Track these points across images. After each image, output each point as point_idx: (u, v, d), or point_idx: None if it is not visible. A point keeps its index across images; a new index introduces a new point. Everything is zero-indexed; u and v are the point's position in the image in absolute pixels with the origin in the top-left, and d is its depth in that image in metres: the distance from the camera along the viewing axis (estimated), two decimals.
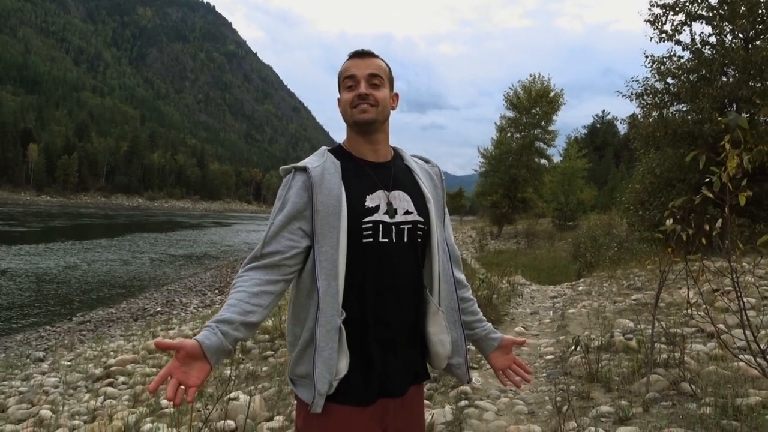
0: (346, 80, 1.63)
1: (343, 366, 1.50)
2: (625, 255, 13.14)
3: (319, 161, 1.60)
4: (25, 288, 16.17)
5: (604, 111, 79.17)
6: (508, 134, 35.94)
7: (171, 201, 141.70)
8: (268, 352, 6.93)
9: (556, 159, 37.70)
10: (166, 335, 9.15)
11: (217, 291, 17.00)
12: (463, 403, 4.20)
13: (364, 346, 1.55)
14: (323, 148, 1.69)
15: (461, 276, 1.81)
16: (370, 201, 1.59)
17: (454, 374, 1.76)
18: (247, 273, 1.52)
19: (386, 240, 1.57)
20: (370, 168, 1.65)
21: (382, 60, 1.68)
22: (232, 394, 4.96)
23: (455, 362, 1.73)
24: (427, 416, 3.76)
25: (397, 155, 1.75)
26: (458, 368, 1.74)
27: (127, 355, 7.68)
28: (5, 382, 7.34)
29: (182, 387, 1.30)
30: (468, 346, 1.76)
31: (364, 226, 1.55)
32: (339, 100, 1.68)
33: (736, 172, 2.96)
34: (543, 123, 34.62)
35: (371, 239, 1.56)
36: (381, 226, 1.57)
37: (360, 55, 1.66)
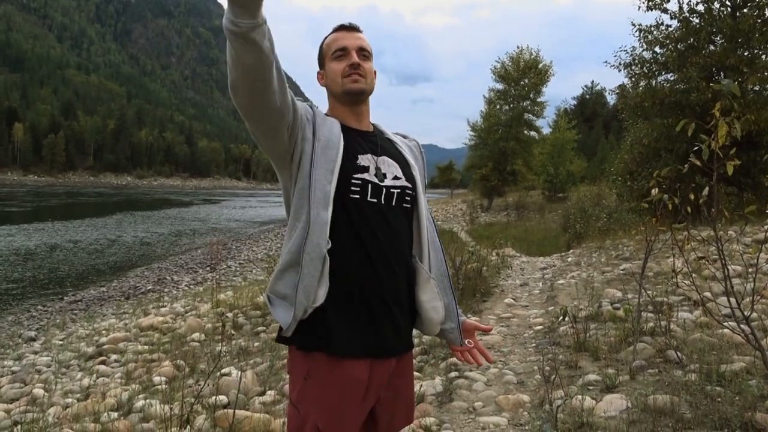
0: (336, 51, 1.65)
1: (321, 294, 1.50)
2: (614, 225, 13.20)
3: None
4: (16, 268, 16.10)
5: (593, 82, 79.23)
6: (497, 107, 35.79)
7: (160, 179, 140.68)
8: (260, 328, 6.96)
9: (546, 131, 37.65)
10: (158, 313, 9.15)
11: (208, 268, 16.95)
12: (453, 374, 4.25)
13: (358, 303, 1.54)
14: None
15: None
16: (363, 160, 1.59)
17: (448, 339, 1.79)
18: None
19: (375, 200, 1.57)
20: (357, 134, 1.66)
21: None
22: (224, 370, 5.00)
23: (448, 327, 1.75)
24: (417, 387, 3.80)
25: (377, 129, 1.76)
26: (451, 332, 1.77)
27: (118, 334, 7.68)
28: None
29: None
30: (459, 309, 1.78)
31: (353, 181, 1.55)
32: (321, 72, 1.71)
33: (726, 141, 2.96)
34: (532, 95, 34.45)
35: (357, 196, 1.55)
36: (370, 186, 1.57)
37: (348, 28, 1.69)
